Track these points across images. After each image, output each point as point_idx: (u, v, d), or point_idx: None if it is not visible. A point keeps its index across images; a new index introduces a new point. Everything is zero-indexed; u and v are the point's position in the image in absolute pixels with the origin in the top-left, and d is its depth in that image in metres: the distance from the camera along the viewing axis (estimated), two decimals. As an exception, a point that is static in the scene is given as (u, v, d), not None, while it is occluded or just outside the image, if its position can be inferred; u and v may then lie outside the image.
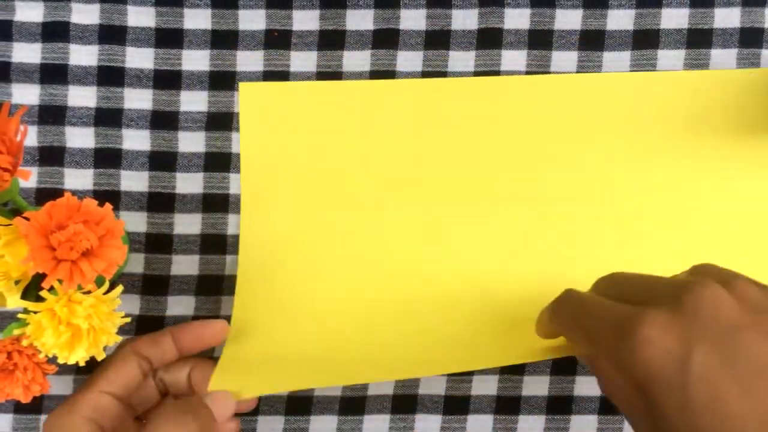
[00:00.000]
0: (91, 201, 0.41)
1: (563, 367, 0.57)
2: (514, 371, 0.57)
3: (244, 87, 0.56)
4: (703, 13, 0.57)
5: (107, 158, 0.57)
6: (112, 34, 0.56)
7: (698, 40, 0.57)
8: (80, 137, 0.56)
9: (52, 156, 0.56)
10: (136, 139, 0.57)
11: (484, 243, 0.56)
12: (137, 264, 0.57)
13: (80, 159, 0.56)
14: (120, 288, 0.43)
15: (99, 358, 0.42)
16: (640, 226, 0.56)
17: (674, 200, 0.56)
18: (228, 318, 0.55)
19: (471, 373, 0.57)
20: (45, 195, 0.56)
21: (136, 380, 0.49)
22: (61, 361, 0.41)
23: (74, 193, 0.56)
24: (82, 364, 0.42)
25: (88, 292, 0.42)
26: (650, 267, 0.47)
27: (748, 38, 0.57)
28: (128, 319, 0.44)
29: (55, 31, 0.56)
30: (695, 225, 0.56)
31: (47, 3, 0.56)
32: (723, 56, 0.57)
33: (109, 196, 0.57)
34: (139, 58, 0.57)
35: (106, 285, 0.43)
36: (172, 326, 0.52)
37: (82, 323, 0.41)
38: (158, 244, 0.57)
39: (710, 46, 0.57)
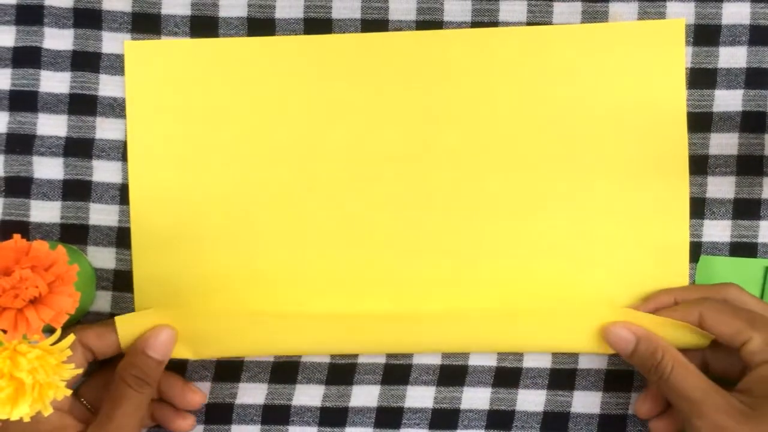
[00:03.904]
0: (42, 244, 0.39)
1: (561, 383, 0.55)
2: (508, 385, 0.54)
3: (128, 45, 0.54)
4: (707, 51, 0.54)
5: (76, 190, 0.54)
6: (85, 61, 0.54)
7: (702, 80, 0.54)
8: (49, 168, 0.54)
9: (18, 187, 0.54)
10: (106, 171, 0.54)
11: (361, 200, 0.54)
12: (104, 302, 0.54)
13: (48, 191, 0.54)
14: (71, 337, 0.40)
15: (45, 414, 0.39)
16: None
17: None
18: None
19: (462, 384, 0.54)
20: (10, 227, 0.54)
21: (80, 369, 0.48)
22: (2, 416, 0.38)
23: (40, 226, 0.53)
24: (26, 420, 0.39)
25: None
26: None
27: (754, 79, 0.54)
28: (80, 371, 0.41)
29: (27, 57, 0.54)
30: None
31: (19, 27, 0.54)
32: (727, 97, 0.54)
33: (77, 230, 0.54)
34: (113, 86, 0.54)
35: (57, 334, 0.40)
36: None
37: (25, 377, 0.38)
38: (127, 281, 0.54)
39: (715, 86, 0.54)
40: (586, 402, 0.55)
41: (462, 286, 0.54)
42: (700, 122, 0.54)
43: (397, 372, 0.54)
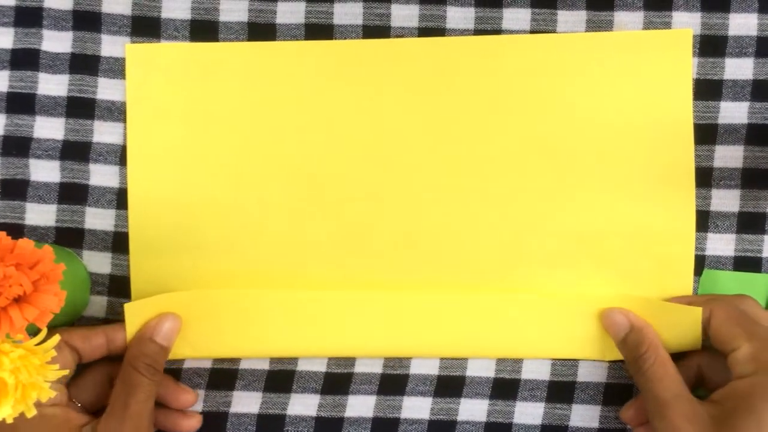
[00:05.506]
0: (27, 242, 0.38)
1: (560, 396, 0.54)
2: (506, 396, 0.53)
3: (129, 47, 0.53)
4: (713, 62, 0.53)
5: (73, 194, 0.53)
6: (84, 64, 0.53)
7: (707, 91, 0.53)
8: (45, 171, 0.53)
9: (14, 189, 0.53)
10: (103, 175, 0.53)
11: (356, 200, 0.54)
12: (99, 308, 0.53)
13: (44, 194, 0.53)
14: (56, 338, 0.39)
15: (29, 415, 0.39)
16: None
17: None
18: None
19: (459, 395, 0.53)
20: (5, 230, 0.52)
21: (68, 369, 0.48)
22: (-16, 417, 0.38)
23: (36, 229, 0.53)
24: (9, 421, 0.38)
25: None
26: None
27: (760, 91, 0.53)
28: (66, 372, 0.40)
29: (25, 59, 0.53)
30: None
31: (18, 29, 0.53)
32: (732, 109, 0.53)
33: (72, 234, 0.53)
34: (111, 89, 0.53)
35: (43, 334, 0.39)
36: (107, 325, 0.51)
37: (7, 377, 0.37)
38: (122, 286, 0.53)
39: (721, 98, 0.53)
40: (585, 415, 0.53)
41: (463, 294, 0.53)
42: (704, 134, 0.53)
43: (393, 382, 0.53)
